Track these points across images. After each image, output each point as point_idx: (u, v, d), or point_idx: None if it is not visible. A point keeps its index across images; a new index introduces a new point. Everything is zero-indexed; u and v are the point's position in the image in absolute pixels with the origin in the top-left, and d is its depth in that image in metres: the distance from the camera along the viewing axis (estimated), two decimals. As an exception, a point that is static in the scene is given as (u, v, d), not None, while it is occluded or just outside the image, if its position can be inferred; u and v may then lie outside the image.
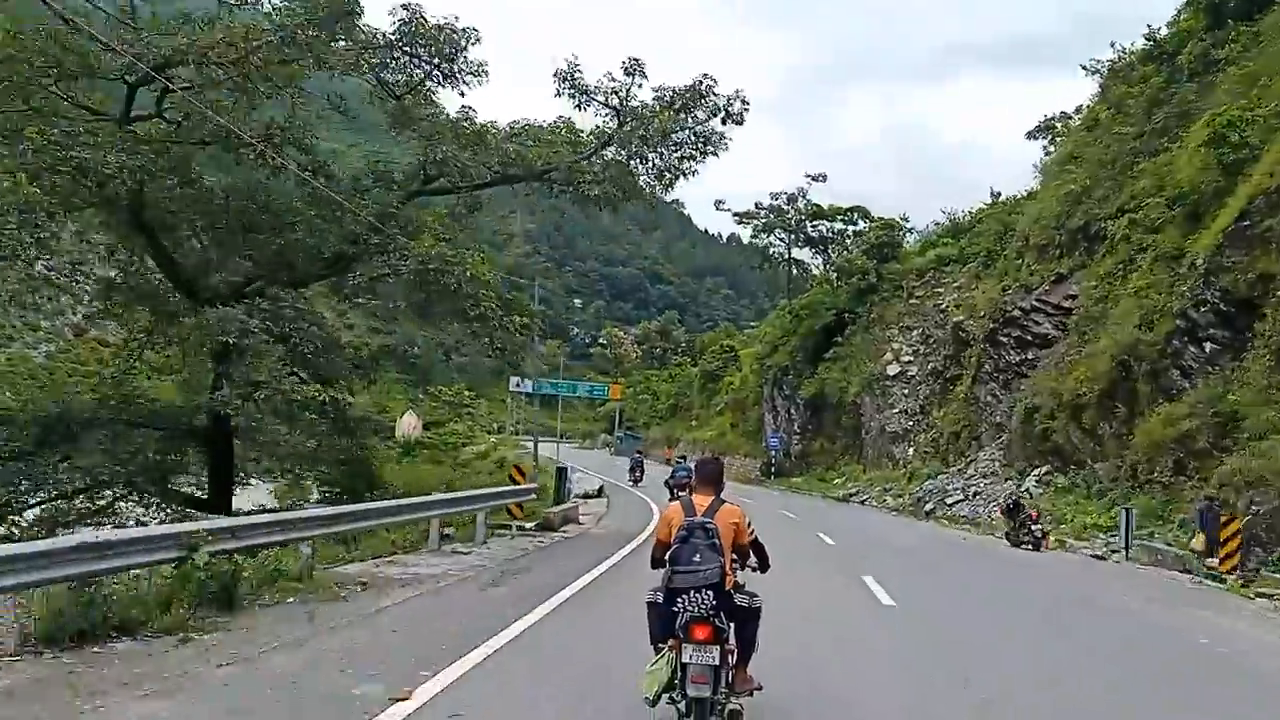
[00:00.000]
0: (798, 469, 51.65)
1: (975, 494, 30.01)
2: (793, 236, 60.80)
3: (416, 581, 12.11)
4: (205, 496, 17.82)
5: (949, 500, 30.70)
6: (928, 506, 31.46)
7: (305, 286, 19.01)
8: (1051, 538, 21.88)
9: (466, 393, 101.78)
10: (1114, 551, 20.10)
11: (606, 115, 21.02)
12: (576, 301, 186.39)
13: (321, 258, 18.32)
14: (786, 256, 61.89)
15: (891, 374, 43.51)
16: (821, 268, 59.19)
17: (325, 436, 18.30)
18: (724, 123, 20.78)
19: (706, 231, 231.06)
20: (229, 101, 15.64)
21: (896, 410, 42.35)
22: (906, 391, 42.52)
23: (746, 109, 20.96)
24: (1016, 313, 33.36)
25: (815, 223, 59.61)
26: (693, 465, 27.70)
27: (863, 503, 37.94)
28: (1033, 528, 21.32)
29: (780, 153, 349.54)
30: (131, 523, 16.27)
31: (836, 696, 7.16)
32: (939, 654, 9.11)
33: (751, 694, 6.08)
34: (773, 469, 53.15)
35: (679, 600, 5.59)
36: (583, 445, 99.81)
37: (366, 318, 22.34)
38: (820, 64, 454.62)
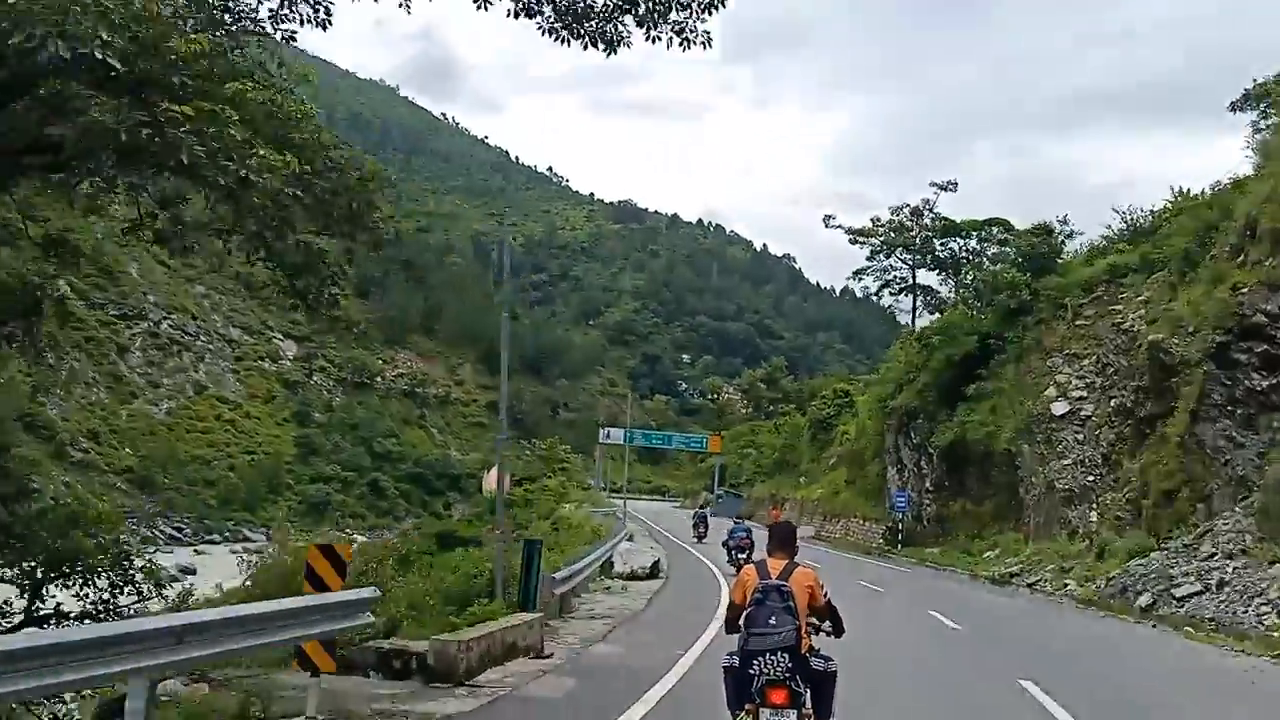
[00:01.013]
0: (932, 535, 41.45)
1: (1221, 584, 19.84)
2: (918, 258, 51.11)
3: None
4: None
5: (1176, 591, 20.57)
6: (1142, 599, 21.36)
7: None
8: None
9: (562, 448, 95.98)
10: None
11: None
12: (685, 357, 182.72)
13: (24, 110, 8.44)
14: (910, 282, 52.11)
15: (1058, 413, 33.28)
16: (955, 290, 49.06)
17: None
18: None
19: (818, 285, 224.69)
20: None
21: (1068, 461, 32.06)
22: (1081, 436, 32.23)
23: None
24: (1260, 319, 23.29)
25: (945, 240, 49.79)
26: (749, 527, 24.24)
27: (1030, 586, 27.78)
28: None
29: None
30: None
31: None
32: None
33: None
34: (900, 536, 43.10)
35: (754, 663, 5.63)
36: (683, 504, 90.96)
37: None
38: (940, 115, 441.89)
